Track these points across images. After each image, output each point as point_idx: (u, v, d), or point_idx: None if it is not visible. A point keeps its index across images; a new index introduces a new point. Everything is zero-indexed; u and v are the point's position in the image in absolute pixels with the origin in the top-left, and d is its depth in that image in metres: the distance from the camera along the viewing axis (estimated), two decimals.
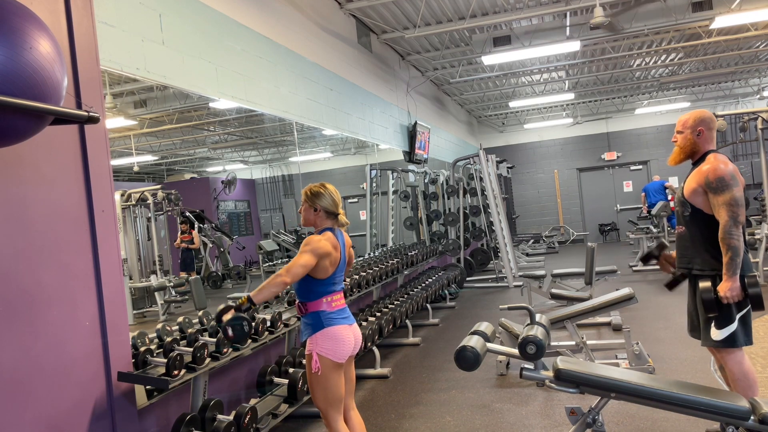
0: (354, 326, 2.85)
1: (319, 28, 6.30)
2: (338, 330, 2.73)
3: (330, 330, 2.72)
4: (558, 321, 4.53)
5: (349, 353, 2.79)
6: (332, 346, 2.71)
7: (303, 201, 2.86)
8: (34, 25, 1.78)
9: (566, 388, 2.57)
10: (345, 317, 2.82)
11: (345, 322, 2.80)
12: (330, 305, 2.76)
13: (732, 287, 2.69)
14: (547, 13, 7.40)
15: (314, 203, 2.82)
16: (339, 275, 2.84)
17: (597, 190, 16.25)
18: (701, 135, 2.90)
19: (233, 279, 7.87)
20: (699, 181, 2.81)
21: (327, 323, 2.72)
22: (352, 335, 2.80)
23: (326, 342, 2.71)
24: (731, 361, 2.80)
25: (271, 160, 10.31)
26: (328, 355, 2.69)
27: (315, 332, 2.72)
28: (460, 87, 12.21)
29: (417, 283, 7.14)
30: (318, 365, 2.69)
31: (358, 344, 2.86)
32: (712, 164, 2.79)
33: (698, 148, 2.92)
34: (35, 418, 2.13)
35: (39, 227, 2.24)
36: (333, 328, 2.72)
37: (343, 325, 2.77)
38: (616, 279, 6.59)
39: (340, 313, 2.79)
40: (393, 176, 9.41)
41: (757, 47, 10.78)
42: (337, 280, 2.84)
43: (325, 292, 2.76)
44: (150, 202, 6.70)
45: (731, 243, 2.68)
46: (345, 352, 2.74)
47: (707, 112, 2.96)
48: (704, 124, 2.91)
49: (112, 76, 3.42)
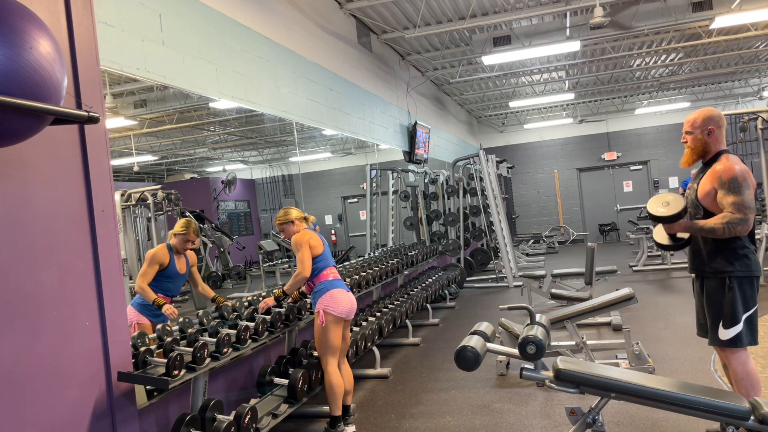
0: (350, 294, 3.73)
1: (319, 28, 6.29)
2: (338, 292, 3.63)
3: (333, 291, 3.61)
4: (558, 321, 4.53)
5: (347, 312, 3.63)
6: (334, 303, 3.57)
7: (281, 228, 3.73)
8: (34, 25, 1.78)
9: (566, 388, 2.57)
10: (343, 285, 3.72)
11: (343, 287, 3.70)
12: (329, 276, 3.67)
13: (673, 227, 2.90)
14: (547, 13, 7.40)
15: (288, 219, 3.71)
16: (329, 253, 3.77)
17: (597, 190, 16.25)
18: (712, 134, 2.84)
19: (233, 279, 7.86)
20: (713, 183, 2.76)
21: (331, 287, 3.62)
22: (348, 299, 3.68)
23: (330, 300, 3.58)
24: (735, 360, 2.80)
25: (271, 160, 10.31)
26: (330, 310, 3.55)
27: (323, 294, 3.60)
28: (460, 87, 12.21)
29: (417, 283, 7.14)
30: (323, 318, 3.55)
31: (353, 309, 3.71)
32: (725, 165, 2.75)
33: (710, 148, 2.86)
34: (35, 418, 2.13)
35: (39, 227, 2.24)
36: (334, 291, 3.61)
37: (342, 289, 3.67)
38: (616, 279, 6.58)
39: (338, 281, 3.70)
40: (393, 176, 9.41)
41: (757, 47, 10.78)
42: (329, 258, 3.75)
43: (324, 267, 3.67)
44: (150, 202, 6.70)
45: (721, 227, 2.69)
46: (344, 309, 3.61)
47: (715, 110, 2.88)
48: (714, 123, 2.84)
49: (112, 76, 3.42)
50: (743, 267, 2.73)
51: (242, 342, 3.26)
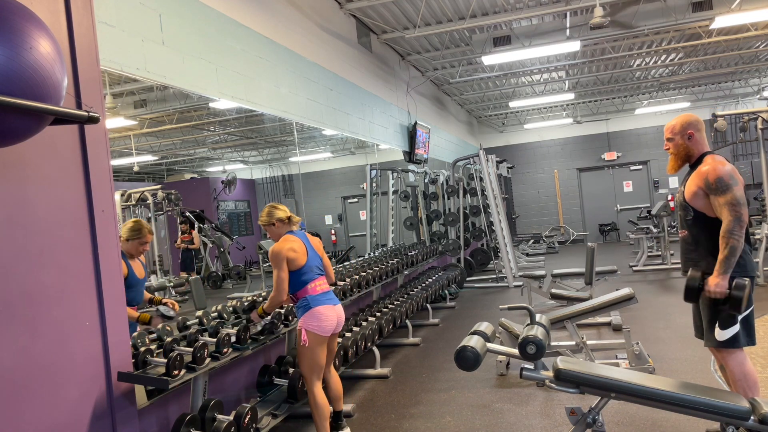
0: (337, 306, 3.41)
1: (319, 28, 6.29)
2: (322, 309, 3.31)
3: (315, 310, 3.29)
4: (558, 321, 4.53)
5: (332, 329, 3.36)
6: (317, 321, 3.29)
7: (264, 227, 3.47)
8: (34, 25, 1.78)
9: (566, 388, 2.57)
10: (329, 299, 3.38)
11: (329, 302, 3.37)
12: (315, 290, 3.34)
13: (719, 284, 2.70)
14: (547, 13, 7.40)
15: (270, 221, 3.42)
16: (314, 263, 3.40)
17: (597, 190, 16.25)
18: (692, 138, 2.92)
19: (233, 279, 7.86)
20: (698, 184, 2.81)
21: (314, 304, 3.30)
22: (334, 314, 3.37)
23: (312, 319, 3.28)
24: (732, 361, 2.80)
25: (271, 160, 10.30)
26: (314, 330, 3.27)
27: (305, 312, 3.30)
28: (460, 87, 12.21)
29: (417, 283, 7.13)
30: (305, 338, 3.26)
31: (341, 323, 3.44)
32: (711, 165, 2.79)
33: (692, 152, 2.94)
34: (35, 418, 2.13)
35: (39, 227, 2.24)
36: (318, 308, 3.30)
37: (326, 305, 3.34)
38: (616, 279, 6.58)
39: (324, 296, 3.36)
40: (393, 176, 9.40)
41: (757, 47, 10.78)
42: (315, 268, 3.39)
43: (308, 280, 3.33)
44: (150, 202, 6.70)
45: (731, 242, 2.68)
46: (328, 327, 3.32)
47: (693, 115, 2.98)
48: (692, 127, 2.92)
49: (112, 76, 3.41)
50: (738, 268, 2.73)
51: (242, 342, 3.26)
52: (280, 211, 3.44)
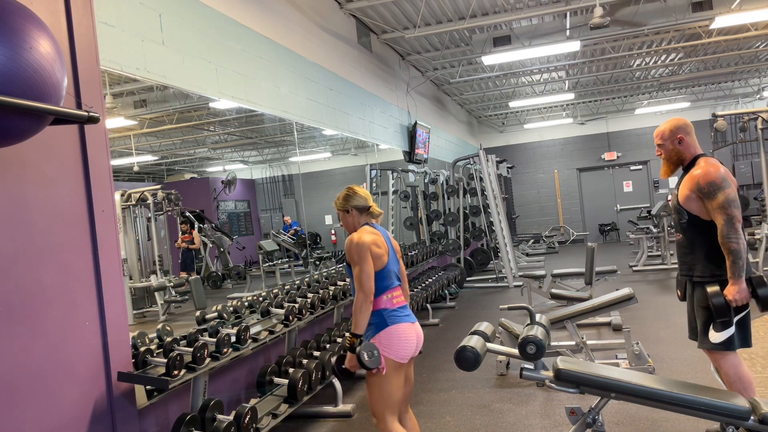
0: (416, 325, 2.70)
1: (319, 28, 6.29)
2: (403, 328, 2.60)
3: (394, 328, 2.58)
4: (558, 321, 4.53)
5: (412, 353, 2.65)
6: (396, 345, 2.56)
7: (338, 211, 2.81)
8: (34, 25, 1.78)
9: (566, 388, 2.57)
10: (407, 315, 2.68)
11: (408, 320, 2.66)
12: (391, 302, 2.63)
13: (739, 290, 2.68)
14: (547, 13, 7.40)
15: (345, 206, 2.75)
16: (393, 267, 2.69)
17: (597, 190, 16.25)
18: (682, 142, 2.92)
19: (233, 279, 7.86)
20: (691, 187, 2.82)
21: (391, 321, 2.59)
22: (414, 334, 2.66)
23: (390, 341, 2.56)
24: (726, 363, 2.79)
25: (271, 160, 10.30)
26: (391, 355, 2.55)
27: (378, 331, 2.57)
28: (460, 87, 12.21)
29: (417, 283, 7.13)
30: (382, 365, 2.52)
31: (420, 344, 2.71)
32: (703, 168, 2.80)
33: (684, 155, 2.94)
34: (35, 418, 2.13)
35: (39, 227, 2.24)
36: (397, 327, 2.59)
37: (406, 323, 2.64)
38: (616, 279, 6.58)
39: (402, 311, 2.66)
40: (393, 176, 9.40)
41: (757, 47, 10.78)
42: (393, 274, 2.68)
43: (384, 288, 2.61)
44: (150, 202, 6.70)
45: (731, 246, 2.67)
46: (408, 352, 2.61)
47: (681, 119, 2.97)
48: (681, 131, 2.92)
49: (112, 76, 3.41)
50: None
51: (242, 342, 3.26)
52: (360, 198, 2.75)
